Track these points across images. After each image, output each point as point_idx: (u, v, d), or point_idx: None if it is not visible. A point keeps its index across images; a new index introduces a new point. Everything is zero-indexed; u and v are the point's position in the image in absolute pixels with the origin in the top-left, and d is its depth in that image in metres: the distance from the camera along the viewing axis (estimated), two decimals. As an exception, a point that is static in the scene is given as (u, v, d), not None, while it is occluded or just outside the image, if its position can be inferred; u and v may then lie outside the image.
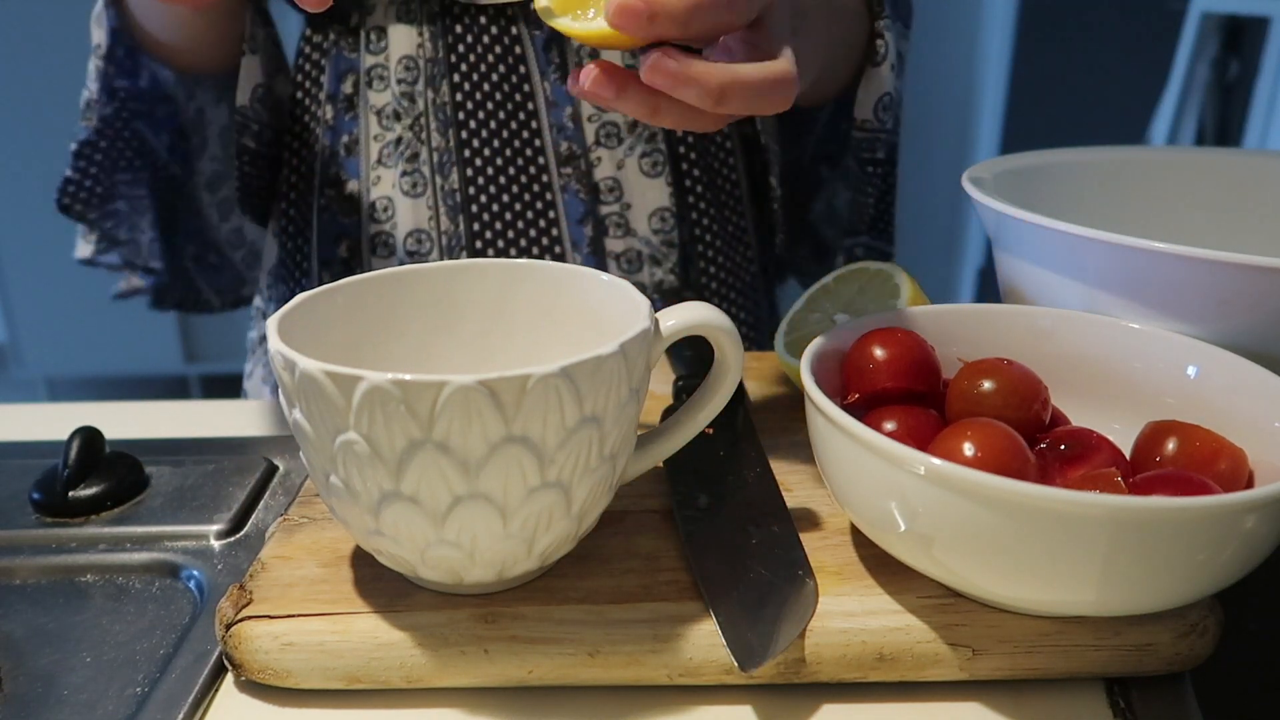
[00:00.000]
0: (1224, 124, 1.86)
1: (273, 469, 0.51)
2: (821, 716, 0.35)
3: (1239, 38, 1.81)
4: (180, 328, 2.02)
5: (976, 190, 0.47)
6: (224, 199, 0.72)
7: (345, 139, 0.65)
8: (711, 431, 0.46)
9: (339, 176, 0.66)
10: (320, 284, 0.67)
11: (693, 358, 0.53)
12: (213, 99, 0.68)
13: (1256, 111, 1.70)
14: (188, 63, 0.65)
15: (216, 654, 0.37)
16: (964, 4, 2.01)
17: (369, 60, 0.64)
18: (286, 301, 0.38)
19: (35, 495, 0.47)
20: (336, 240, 0.66)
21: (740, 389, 0.52)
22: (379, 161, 0.64)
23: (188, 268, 0.74)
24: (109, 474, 0.48)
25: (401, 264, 0.61)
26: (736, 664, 0.33)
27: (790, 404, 0.52)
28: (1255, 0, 1.70)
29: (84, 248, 0.70)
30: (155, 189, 0.69)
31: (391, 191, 0.64)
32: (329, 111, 0.66)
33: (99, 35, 0.62)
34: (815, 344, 0.40)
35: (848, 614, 0.36)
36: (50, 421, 0.58)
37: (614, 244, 0.65)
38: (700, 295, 0.69)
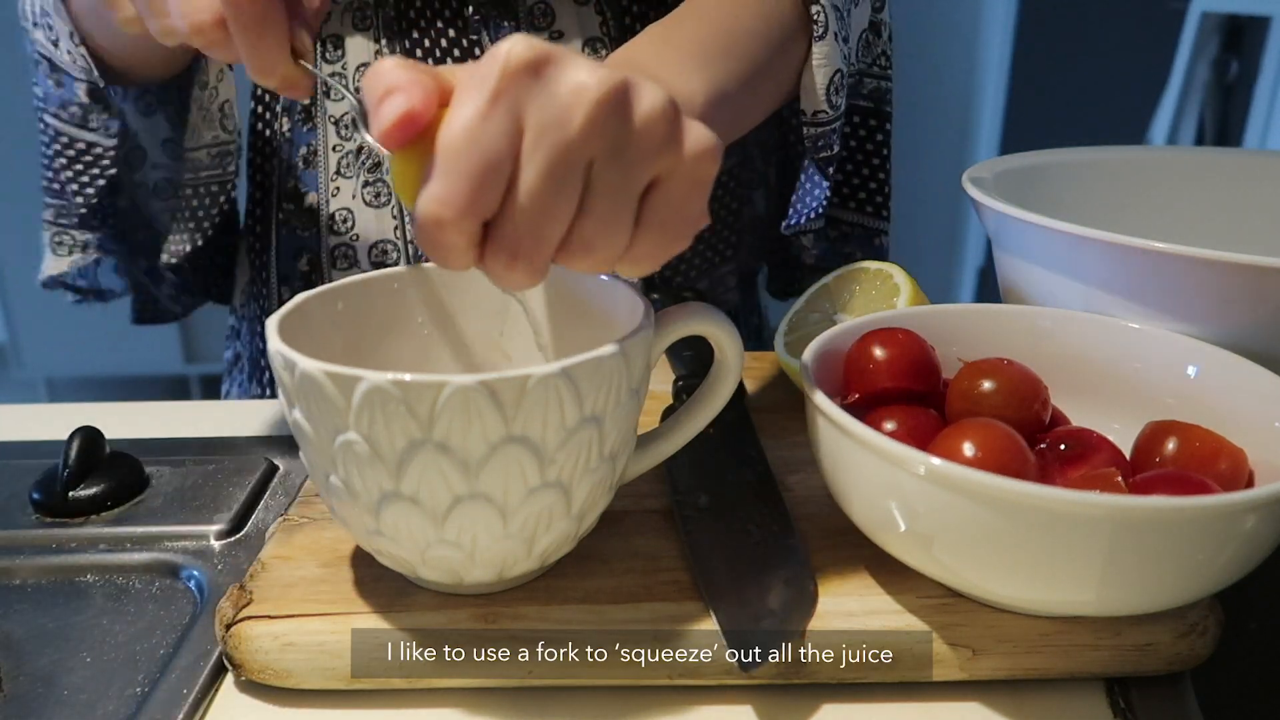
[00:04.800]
0: (1224, 124, 1.86)
1: (273, 469, 0.51)
2: (821, 716, 0.35)
3: (1239, 38, 1.81)
4: (180, 328, 2.02)
5: (976, 190, 0.47)
6: (175, 205, 0.66)
7: (303, 150, 0.63)
8: (711, 431, 0.46)
9: (297, 189, 0.64)
10: (281, 301, 0.64)
11: (693, 358, 0.53)
12: (137, 110, 0.61)
13: (1256, 111, 1.70)
14: (122, 72, 0.59)
15: (216, 654, 0.37)
16: (964, 4, 2.01)
17: (326, 69, 0.62)
18: (257, 320, 0.37)
19: (35, 495, 0.47)
20: (296, 255, 0.64)
21: (740, 389, 0.52)
22: (338, 172, 0.62)
23: (143, 282, 0.70)
24: (109, 474, 0.48)
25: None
26: (736, 664, 0.33)
27: (790, 404, 0.52)
28: (1255, 0, 1.70)
29: (57, 262, 0.65)
30: (110, 201, 0.64)
31: (352, 203, 0.62)
32: (285, 124, 0.64)
33: (42, 35, 0.57)
34: (815, 344, 0.40)
35: (848, 614, 0.36)
36: (50, 421, 0.58)
37: None
38: (672, 295, 0.65)
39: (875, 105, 0.61)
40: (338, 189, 0.62)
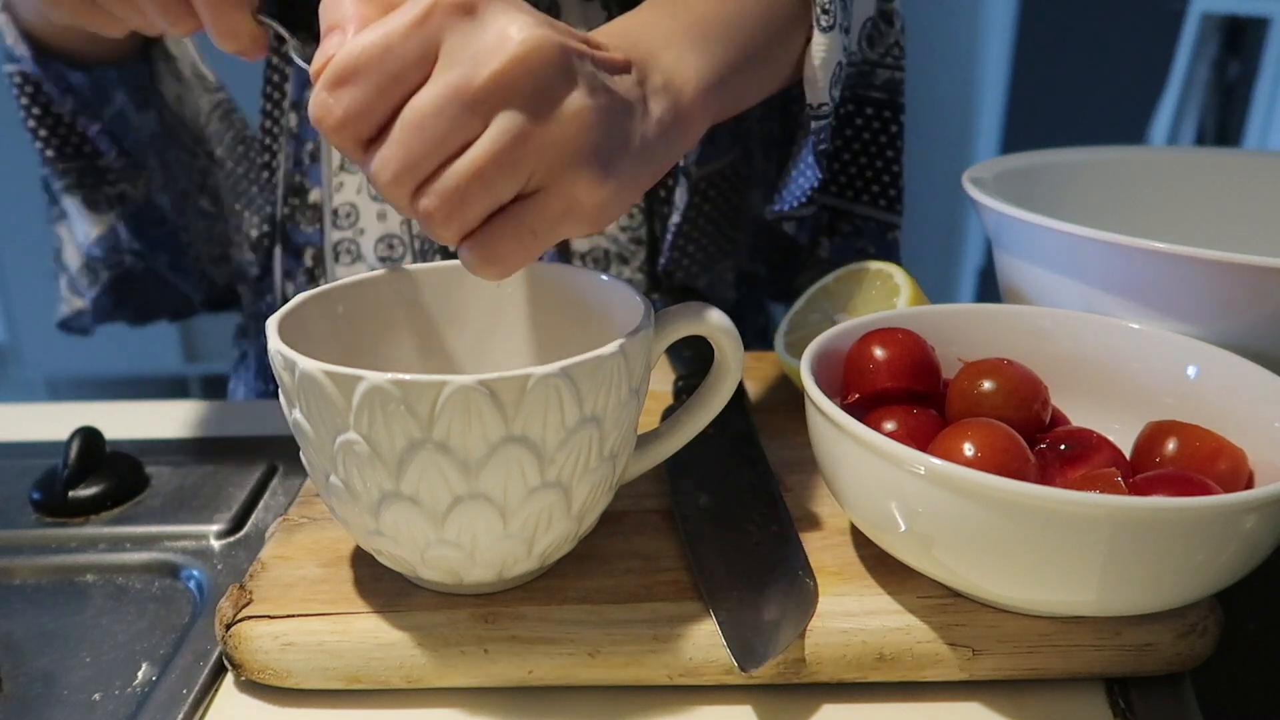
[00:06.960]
0: (1224, 124, 1.86)
1: (273, 469, 0.51)
2: (821, 716, 0.35)
3: (1239, 38, 1.81)
4: (180, 328, 2.02)
5: (976, 190, 0.47)
6: (180, 193, 0.67)
7: (309, 146, 0.63)
8: (712, 431, 0.46)
9: (302, 185, 0.64)
10: (285, 298, 0.64)
11: (693, 358, 0.53)
12: (133, 103, 0.61)
13: (1256, 111, 1.70)
14: (78, 48, 0.57)
15: (216, 654, 0.37)
16: (964, 4, 2.01)
17: None
18: (264, 317, 0.37)
19: (35, 495, 0.47)
20: (300, 251, 0.64)
21: (740, 389, 0.52)
22: (342, 167, 0.62)
23: (165, 276, 0.70)
24: (109, 474, 0.48)
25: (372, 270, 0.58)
26: (736, 664, 0.33)
27: (790, 404, 0.52)
28: (1255, 0, 1.70)
29: (98, 222, 0.64)
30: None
31: (356, 197, 0.62)
32: (293, 119, 0.64)
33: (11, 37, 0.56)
34: (815, 344, 0.40)
35: (848, 614, 0.36)
36: (50, 421, 0.58)
37: (579, 242, 0.62)
38: (672, 295, 0.66)
39: (889, 97, 0.59)
40: (341, 184, 0.62)
